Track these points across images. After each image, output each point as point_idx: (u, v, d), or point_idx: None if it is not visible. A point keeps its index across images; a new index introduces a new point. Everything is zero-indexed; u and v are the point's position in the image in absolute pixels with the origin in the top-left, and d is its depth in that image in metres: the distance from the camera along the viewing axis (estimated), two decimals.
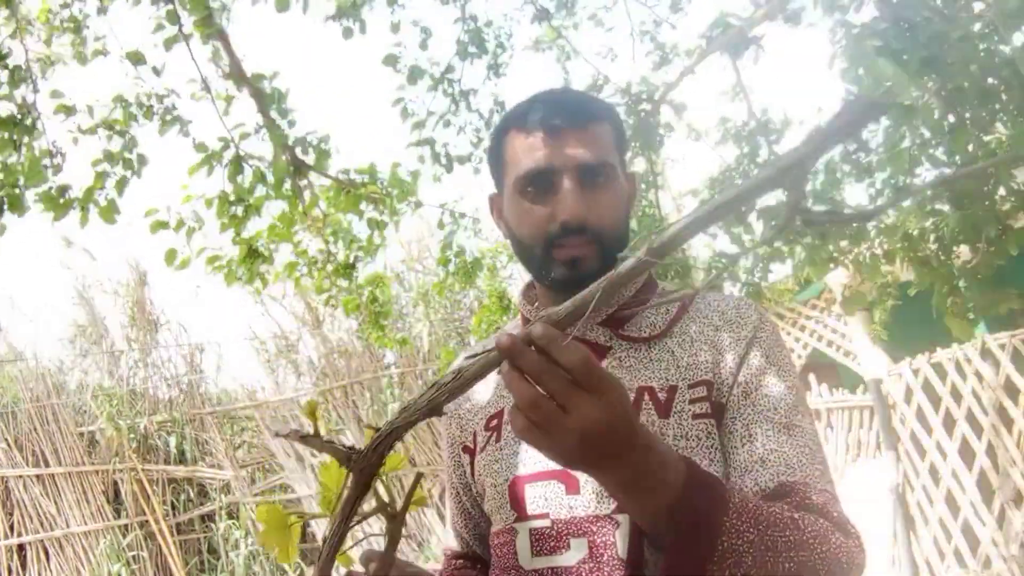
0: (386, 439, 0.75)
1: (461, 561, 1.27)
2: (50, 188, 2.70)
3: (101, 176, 2.92)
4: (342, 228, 3.92)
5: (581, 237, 1.04)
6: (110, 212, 2.91)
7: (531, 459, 1.05)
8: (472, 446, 1.16)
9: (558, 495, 1.01)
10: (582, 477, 1.00)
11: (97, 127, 2.96)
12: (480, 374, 0.74)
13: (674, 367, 1.05)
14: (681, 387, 1.03)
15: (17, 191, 2.67)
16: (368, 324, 4.33)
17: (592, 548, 0.97)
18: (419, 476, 0.86)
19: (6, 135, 2.64)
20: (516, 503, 1.05)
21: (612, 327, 1.09)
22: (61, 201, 2.78)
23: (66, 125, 2.89)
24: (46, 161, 2.74)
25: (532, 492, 1.03)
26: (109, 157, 2.91)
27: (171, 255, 3.29)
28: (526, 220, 1.07)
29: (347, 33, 3.78)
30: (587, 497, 1.00)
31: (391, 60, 4.00)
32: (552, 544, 1.00)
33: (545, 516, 1.02)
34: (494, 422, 1.13)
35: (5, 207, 2.67)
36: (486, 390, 1.19)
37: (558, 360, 0.72)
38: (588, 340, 1.09)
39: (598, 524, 0.98)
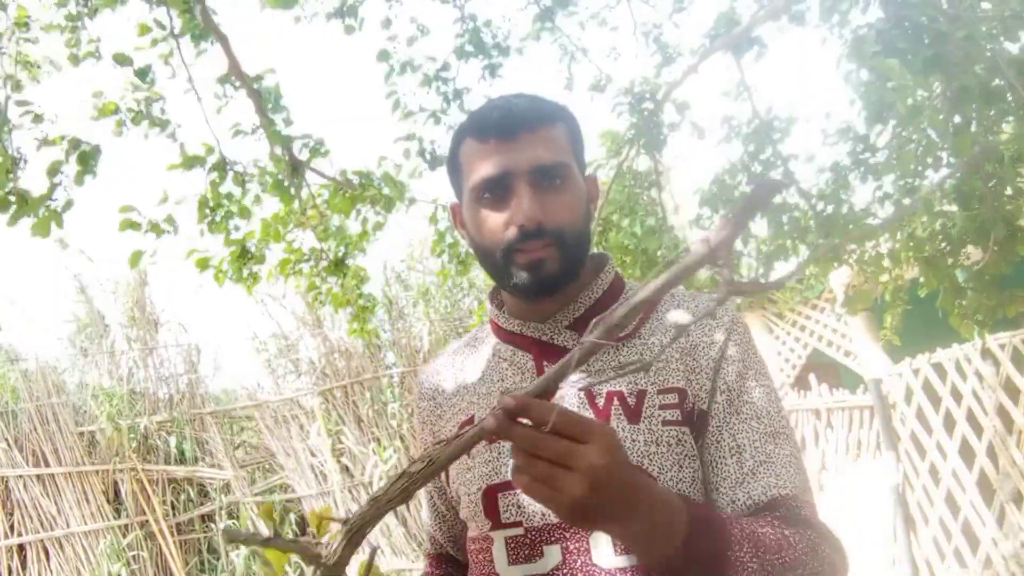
0: (356, 534, 0.73)
1: (446, 567, 1.29)
2: (8, 193, 2.68)
3: (52, 188, 2.90)
4: (335, 227, 3.93)
5: (540, 240, 1.03)
6: (45, 226, 2.88)
7: (503, 468, 1.05)
8: None
9: (530, 503, 1.02)
10: None
11: (60, 139, 2.94)
12: (453, 458, 0.75)
13: (644, 372, 1.04)
14: (650, 392, 1.03)
15: None
16: (353, 318, 4.35)
17: (566, 554, 0.98)
18: (374, 551, 0.83)
19: None
20: (490, 512, 1.05)
21: (578, 330, 1.09)
22: (12, 210, 2.75)
23: (31, 132, 2.87)
24: (8, 167, 2.72)
25: (505, 501, 1.04)
26: (71, 149, 2.86)
27: (135, 257, 3.28)
28: (484, 227, 1.07)
29: (349, 29, 3.78)
30: None
31: (384, 56, 3.99)
32: (527, 552, 1.01)
33: (518, 524, 1.02)
34: (466, 430, 1.10)
35: None
36: (458, 393, 1.19)
37: (542, 423, 0.73)
38: (555, 344, 1.09)
39: (571, 530, 0.99)
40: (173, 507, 7.39)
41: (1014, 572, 4.44)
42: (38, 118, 3.03)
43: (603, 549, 0.97)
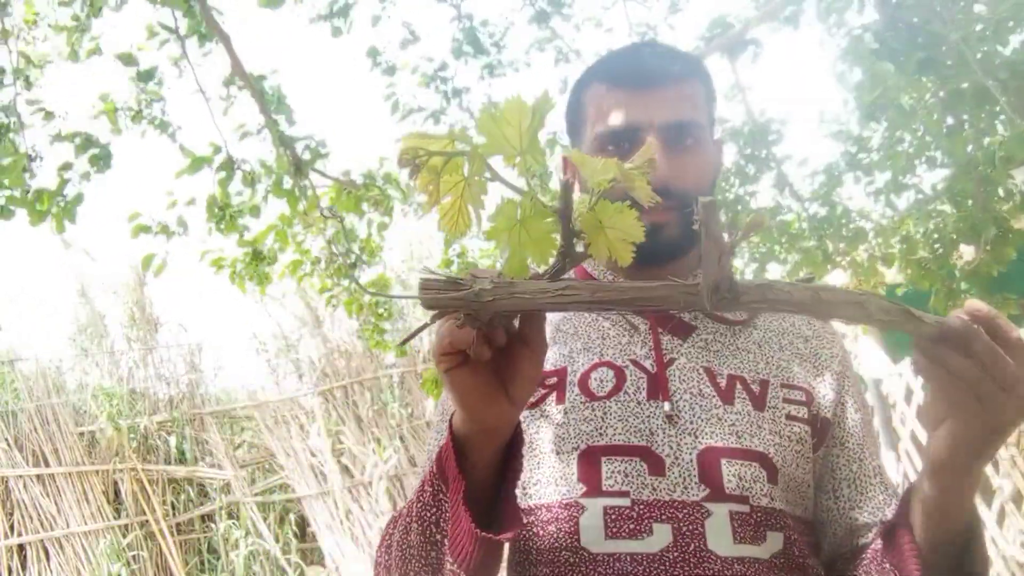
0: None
1: None
2: (27, 192, 2.71)
3: (63, 183, 2.93)
4: (344, 228, 3.93)
5: (664, 203, 0.95)
6: (60, 221, 2.91)
7: (610, 430, 0.94)
8: None
9: (640, 473, 0.91)
10: (668, 457, 0.91)
11: (73, 136, 2.96)
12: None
13: (763, 361, 1.00)
14: (773, 383, 0.98)
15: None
16: (369, 328, 4.34)
17: (678, 536, 0.87)
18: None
19: None
20: (587, 475, 0.92)
21: None
22: (37, 207, 2.78)
23: (45, 130, 2.90)
24: (24, 165, 2.75)
25: (610, 466, 0.91)
26: (82, 148, 2.89)
27: (147, 260, 3.30)
28: None
29: (336, 32, 3.79)
30: (673, 480, 0.90)
31: (373, 53, 4.00)
32: (632, 527, 0.88)
33: (624, 494, 0.90)
34: (552, 380, 1.00)
35: None
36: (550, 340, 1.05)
37: (1007, 339, 0.70)
38: (674, 316, 1.01)
39: (685, 511, 0.88)
40: (173, 507, 7.40)
41: (1014, 572, 4.44)
42: (49, 115, 3.05)
43: (721, 536, 0.88)
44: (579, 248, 0.64)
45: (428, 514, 0.83)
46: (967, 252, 2.47)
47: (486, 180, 0.63)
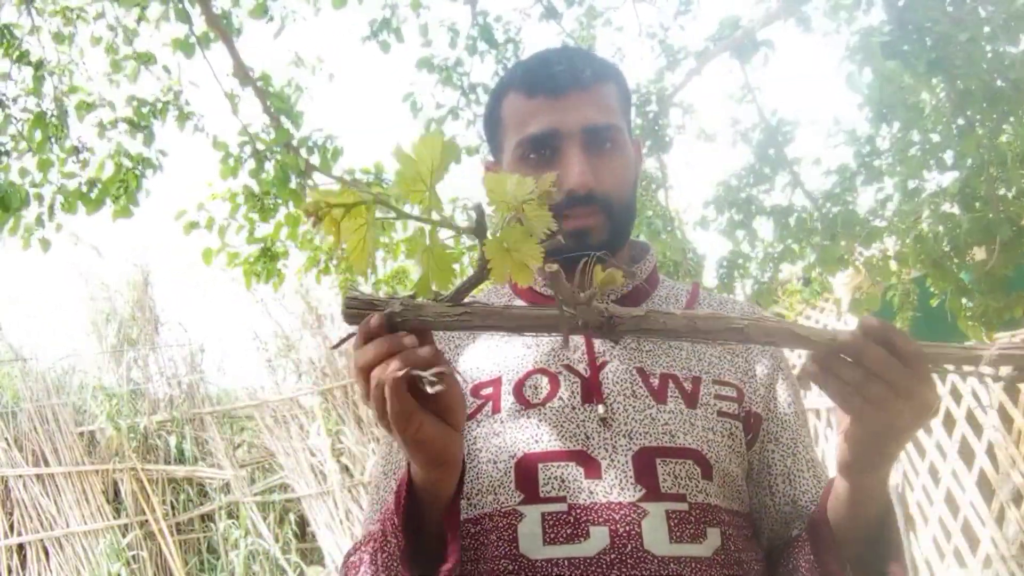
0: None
1: None
2: (79, 184, 2.72)
3: (120, 169, 2.94)
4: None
5: (588, 207, 0.97)
6: (127, 208, 2.93)
7: (545, 436, 0.94)
8: None
9: (576, 478, 0.91)
10: (604, 460, 0.92)
11: (117, 121, 2.98)
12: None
13: (695, 358, 1.01)
14: (705, 380, 0.99)
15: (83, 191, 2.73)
16: None
17: (615, 538, 0.88)
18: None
19: (39, 133, 2.66)
20: (524, 483, 0.93)
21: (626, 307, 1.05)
22: (92, 196, 2.80)
23: (88, 121, 2.92)
24: (73, 158, 2.76)
25: (547, 472, 0.92)
26: (128, 156, 2.92)
27: (208, 254, 3.32)
28: None
29: (385, 47, 3.80)
30: (609, 482, 0.91)
31: (425, 63, 4.01)
32: (569, 531, 0.89)
33: (561, 500, 0.91)
34: (488, 390, 1.00)
35: (57, 210, 2.68)
36: (480, 349, 1.06)
37: (901, 351, 0.73)
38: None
39: (622, 512, 0.89)
40: (173, 507, 7.39)
41: (1014, 572, 4.46)
42: (91, 107, 3.06)
43: (657, 535, 0.89)
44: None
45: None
46: (978, 252, 2.49)
47: (391, 219, 0.70)
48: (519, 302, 1.10)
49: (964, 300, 2.34)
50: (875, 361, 0.72)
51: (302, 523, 7.45)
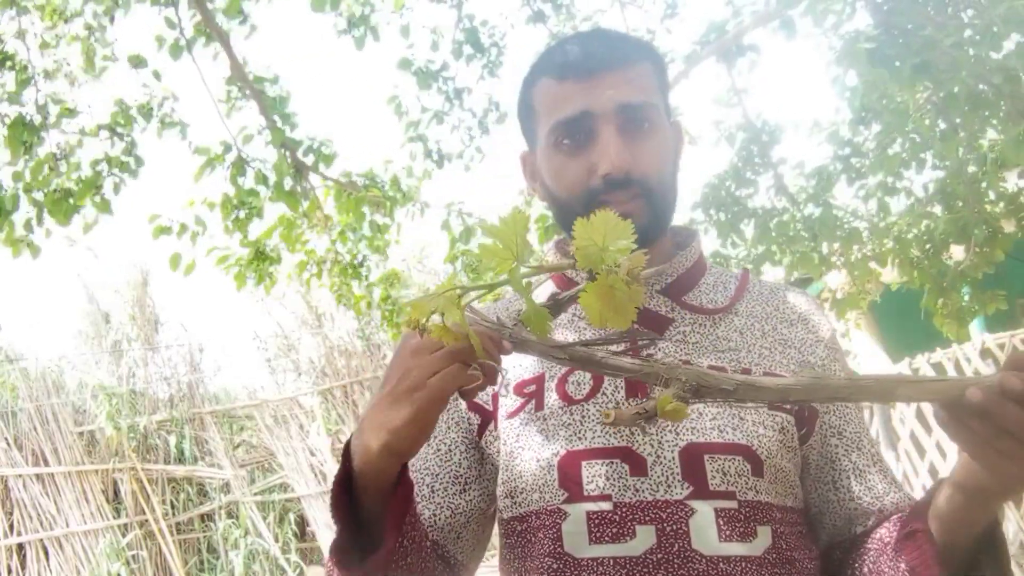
0: None
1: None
2: (55, 191, 2.73)
3: (98, 175, 2.96)
4: (349, 227, 3.96)
5: (627, 191, 0.93)
6: (106, 205, 2.96)
7: (589, 433, 0.92)
8: (488, 407, 1.00)
9: (622, 475, 0.89)
10: (650, 457, 0.89)
11: (99, 128, 3.00)
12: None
13: (744, 350, 0.97)
14: (755, 372, 0.95)
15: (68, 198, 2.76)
16: (384, 321, 4.38)
17: (661, 537, 0.86)
18: None
19: (17, 138, 2.67)
20: (568, 481, 0.90)
21: (672, 296, 0.99)
22: (65, 205, 2.81)
23: (68, 128, 2.93)
24: (49, 165, 2.78)
25: (590, 470, 0.90)
26: (107, 160, 2.95)
27: (175, 260, 3.33)
28: (564, 176, 0.96)
29: (359, 43, 3.80)
30: (655, 480, 0.88)
31: (406, 64, 4.01)
32: (614, 530, 0.87)
33: (607, 498, 0.88)
34: (531, 387, 0.98)
35: (44, 216, 2.71)
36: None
37: None
38: (648, 310, 0.98)
39: (668, 510, 0.87)
40: (172, 506, 7.42)
41: (1014, 572, 4.47)
42: (72, 113, 3.07)
43: (705, 534, 0.86)
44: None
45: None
46: (956, 251, 2.50)
47: (483, 292, 0.75)
48: (550, 286, 1.07)
49: (941, 299, 2.36)
50: (1014, 423, 0.66)
51: (302, 523, 7.48)
